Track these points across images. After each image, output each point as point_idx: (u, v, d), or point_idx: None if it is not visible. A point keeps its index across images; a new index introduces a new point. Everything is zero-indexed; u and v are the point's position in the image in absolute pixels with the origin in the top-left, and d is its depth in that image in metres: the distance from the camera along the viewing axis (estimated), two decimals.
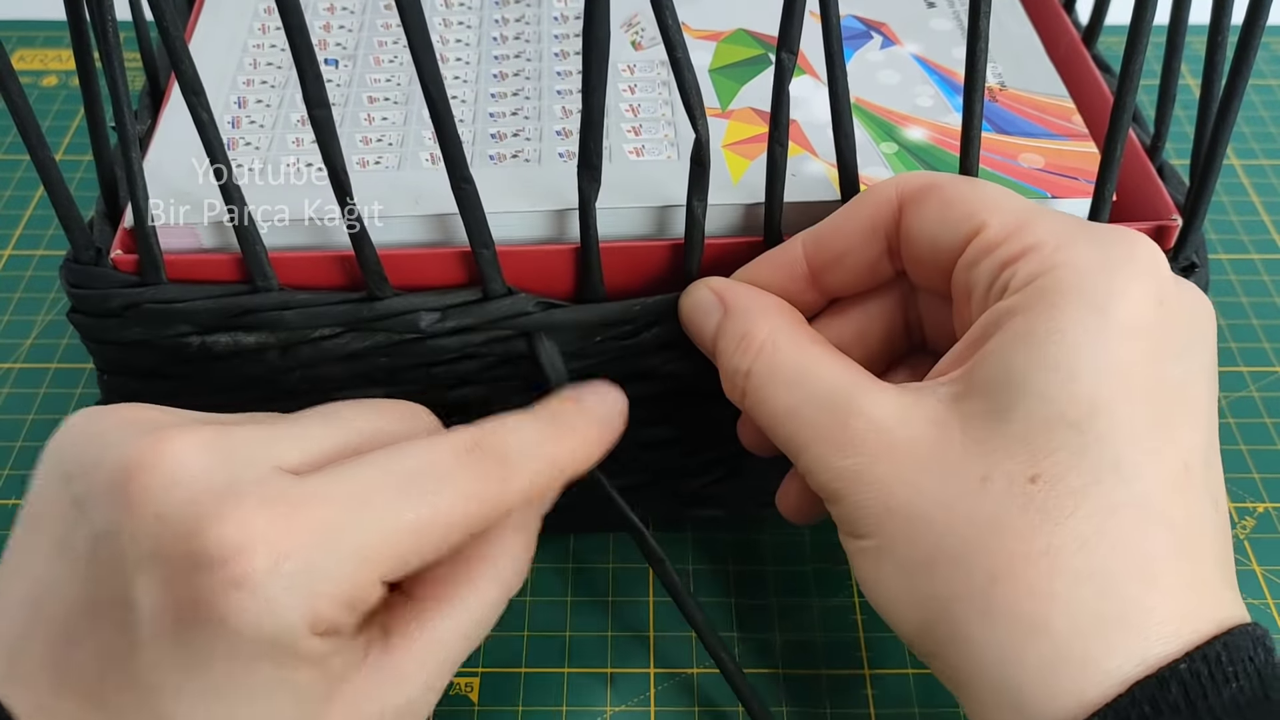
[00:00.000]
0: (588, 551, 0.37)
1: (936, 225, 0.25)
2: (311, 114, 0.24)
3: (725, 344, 0.27)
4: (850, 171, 0.28)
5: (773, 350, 0.26)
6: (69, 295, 0.29)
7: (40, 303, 0.45)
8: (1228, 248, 0.48)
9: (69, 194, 0.28)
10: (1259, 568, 0.36)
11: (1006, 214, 0.24)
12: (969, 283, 0.25)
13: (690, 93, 0.25)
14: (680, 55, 0.24)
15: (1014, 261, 0.24)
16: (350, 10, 0.37)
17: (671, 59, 0.24)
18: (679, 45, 0.24)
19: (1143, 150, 0.32)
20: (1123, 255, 0.23)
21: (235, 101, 0.33)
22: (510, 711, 0.33)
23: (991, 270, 0.24)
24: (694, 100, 0.25)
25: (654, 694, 0.33)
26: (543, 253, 0.29)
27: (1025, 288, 0.23)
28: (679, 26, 0.24)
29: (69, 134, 0.53)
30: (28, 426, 0.40)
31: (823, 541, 0.37)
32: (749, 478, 0.35)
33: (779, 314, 0.27)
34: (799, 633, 0.35)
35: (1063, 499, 0.22)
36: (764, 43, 0.35)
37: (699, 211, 0.27)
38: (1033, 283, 0.23)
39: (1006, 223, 0.24)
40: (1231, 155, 0.52)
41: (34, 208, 0.49)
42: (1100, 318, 0.22)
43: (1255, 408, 0.41)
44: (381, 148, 0.31)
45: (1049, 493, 0.22)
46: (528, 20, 0.36)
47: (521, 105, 0.33)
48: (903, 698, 0.33)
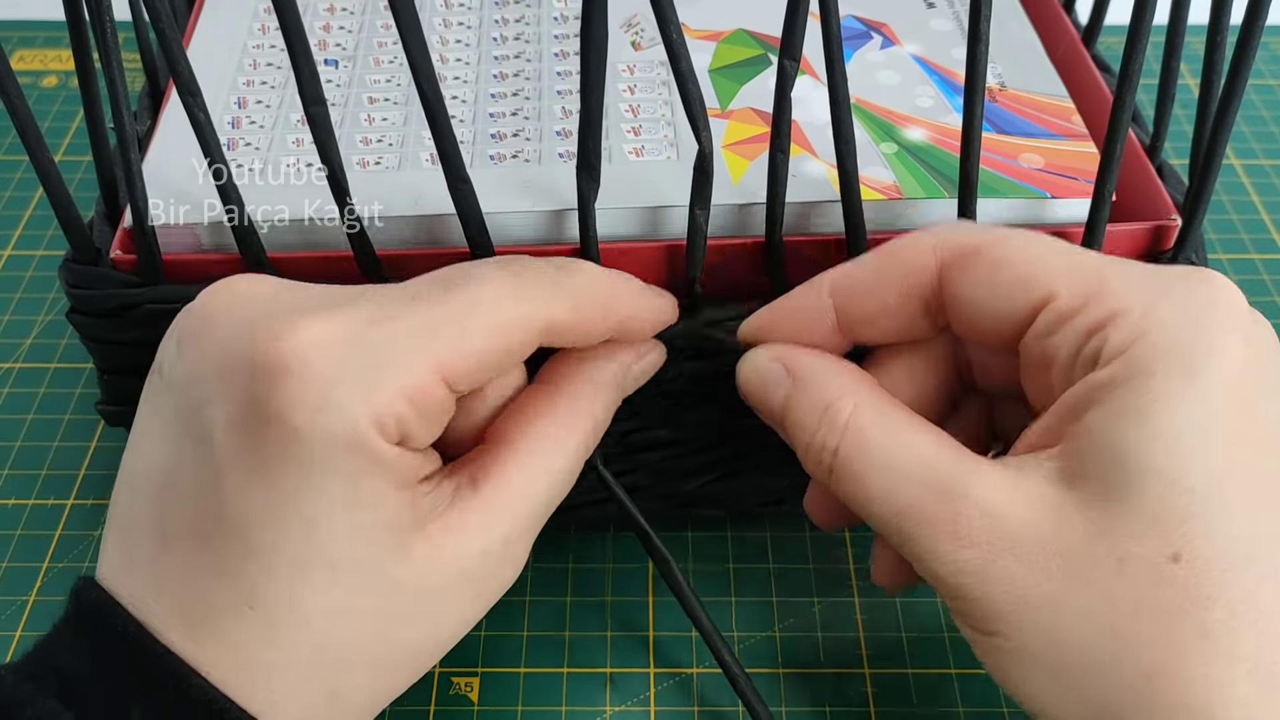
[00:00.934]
0: (588, 552, 0.37)
1: (989, 294, 0.24)
2: (308, 111, 0.24)
3: (802, 418, 0.26)
4: (850, 171, 0.28)
5: (860, 428, 0.25)
6: (68, 295, 0.29)
7: (40, 303, 0.45)
8: (1227, 247, 0.48)
9: (68, 194, 0.28)
10: None
11: (1074, 279, 0.24)
12: (1044, 352, 0.24)
13: (694, 104, 0.25)
14: (684, 67, 0.24)
15: (1098, 330, 0.23)
16: (350, 11, 0.37)
17: (675, 71, 0.24)
18: (683, 57, 0.24)
19: (1142, 150, 0.32)
20: (1205, 303, 0.23)
21: (235, 102, 0.33)
22: (510, 712, 0.33)
23: (1074, 340, 0.23)
24: (698, 110, 0.25)
25: (654, 694, 0.33)
26: (542, 253, 0.29)
27: (1118, 358, 0.22)
28: (683, 40, 0.24)
29: (69, 134, 0.53)
30: (27, 426, 0.40)
31: (823, 541, 0.37)
32: (749, 478, 0.35)
33: (858, 383, 0.25)
34: (799, 632, 0.35)
35: (1205, 577, 0.22)
36: (764, 43, 0.35)
37: (701, 220, 0.27)
38: (1125, 352, 0.22)
39: (1077, 288, 0.23)
40: (1231, 155, 0.52)
41: (34, 208, 0.49)
42: (1202, 379, 0.22)
43: None
44: (381, 148, 0.31)
45: (1190, 571, 0.22)
46: (528, 20, 0.36)
47: (521, 105, 0.33)
48: (903, 697, 0.33)
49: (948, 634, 0.35)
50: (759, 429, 0.28)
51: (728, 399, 0.32)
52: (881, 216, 0.30)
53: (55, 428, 0.40)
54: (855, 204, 0.28)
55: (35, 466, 0.39)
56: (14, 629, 0.35)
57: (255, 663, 0.22)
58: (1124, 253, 0.31)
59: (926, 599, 0.35)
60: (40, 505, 0.38)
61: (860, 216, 0.28)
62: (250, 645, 0.22)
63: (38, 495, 0.38)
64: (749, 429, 0.33)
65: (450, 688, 0.33)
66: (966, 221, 0.28)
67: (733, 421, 0.33)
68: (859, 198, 0.28)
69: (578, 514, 0.37)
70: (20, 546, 0.37)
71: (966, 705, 0.33)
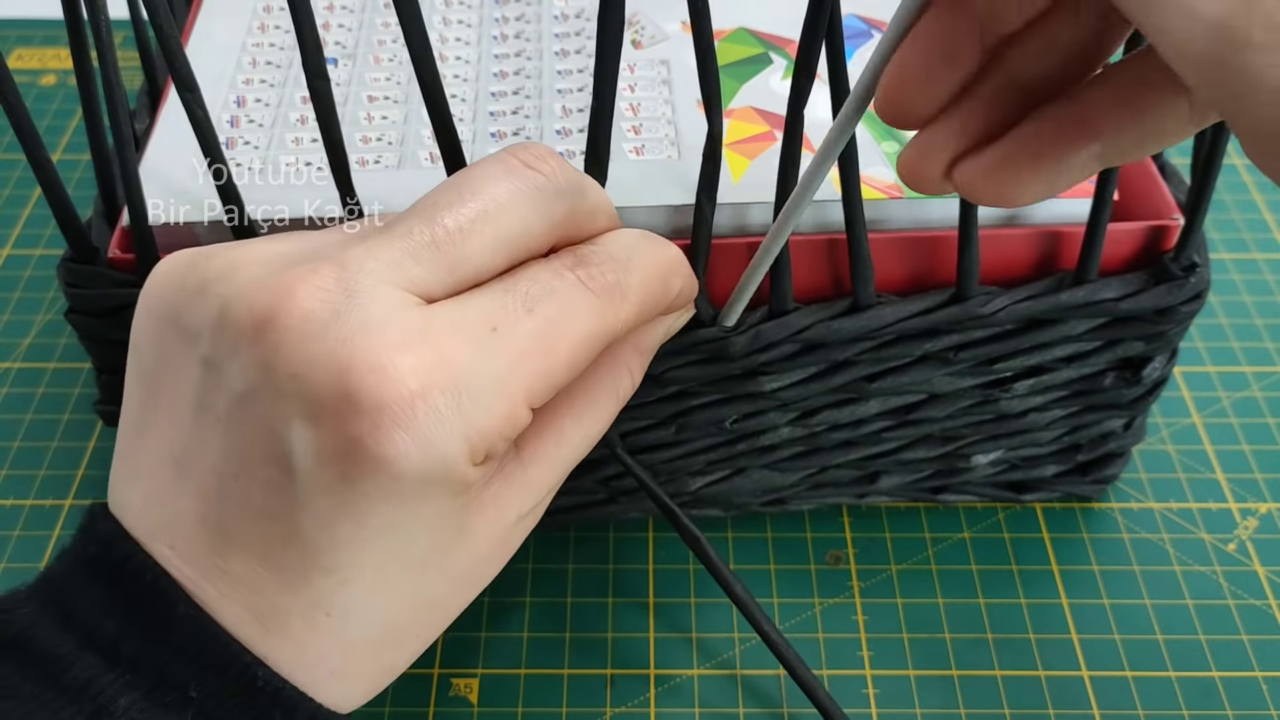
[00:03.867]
0: (588, 553, 0.37)
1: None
2: (311, 85, 0.24)
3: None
4: (851, 171, 0.28)
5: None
6: (66, 295, 0.29)
7: (39, 302, 0.45)
8: (1229, 247, 0.48)
9: (65, 194, 0.28)
10: (1261, 568, 0.36)
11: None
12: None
13: (711, 82, 0.25)
14: (706, 44, 0.24)
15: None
16: (350, 9, 0.36)
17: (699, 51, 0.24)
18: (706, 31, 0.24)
19: None
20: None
21: (234, 101, 0.33)
22: (510, 713, 0.33)
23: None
24: (713, 89, 0.25)
25: (654, 695, 0.33)
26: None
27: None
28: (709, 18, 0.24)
29: (67, 133, 0.53)
30: (26, 426, 0.40)
31: (824, 542, 0.37)
32: (749, 478, 0.35)
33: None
34: (800, 632, 0.35)
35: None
36: (765, 41, 0.34)
37: (708, 210, 0.27)
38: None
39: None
40: (1233, 154, 0.52)
41: (32, 206, 0.49)
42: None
43: (1258, 407, 0.41)
44: (381, 147, 0.31)
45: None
46: (528, 19, 0.36)
47: (521, 104, 0.33)
48: (904, 697, 0.33)
49: (949, 635, 0.35)
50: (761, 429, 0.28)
51: (729, 399, 0.32)
52: (882, 215, 0.30)
53: (54, 428, 0.40)
54: (856, 203, 0.28)
55: (33, 467, 0.39)
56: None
57: (324, 657, 0.22)
58: (1124, 253, 0.31)
59: (927, 600, 0.35)
60: (38, 506, 0.38)
61: (861, 215, 0.28)
62: (323, 644, 0.22)
63: (36, 495, 0.38)
64: (751, 429, 0.33)
65: (450, 689, 0.33)
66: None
67: (732, 425, 0.33)
68: (860, 197, 0.28)
69: (578, 514, 0.37)
70: (19, 547, 0.37)
71: (968, 706, 0.33)
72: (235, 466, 0.22)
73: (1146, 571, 0.36)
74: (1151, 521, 0.38)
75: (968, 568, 0.36)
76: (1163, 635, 0.35)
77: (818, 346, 0.31)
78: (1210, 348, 0.43)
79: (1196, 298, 0.31)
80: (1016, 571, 0.36)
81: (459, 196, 0.23)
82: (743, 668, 0.34)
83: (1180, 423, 0.41)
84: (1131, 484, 0.39)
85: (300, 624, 0.22)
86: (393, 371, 0.21)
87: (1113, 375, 0.33)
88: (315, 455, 0.21)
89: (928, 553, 0.37)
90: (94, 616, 0.22)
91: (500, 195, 0.23)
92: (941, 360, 0.32)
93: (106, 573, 0.22)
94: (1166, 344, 0.32)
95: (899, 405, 0.33)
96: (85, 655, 0.21)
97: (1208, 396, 0.42)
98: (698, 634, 0.35)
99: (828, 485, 0.36)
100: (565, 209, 0.23)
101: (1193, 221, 0.29)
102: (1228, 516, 0.38)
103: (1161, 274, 0.30)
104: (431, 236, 0.22)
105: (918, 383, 0.32)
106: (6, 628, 0.22)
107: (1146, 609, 0.35)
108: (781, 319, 0.30)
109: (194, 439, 0.22)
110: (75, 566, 0.22)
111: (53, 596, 0.22)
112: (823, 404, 0.33)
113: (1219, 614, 0.35)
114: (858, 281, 0.29)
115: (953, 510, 0.38)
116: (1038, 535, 0.37)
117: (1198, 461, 0.39)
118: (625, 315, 0.24)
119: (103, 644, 0.21)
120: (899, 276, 0.30)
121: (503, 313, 0.22)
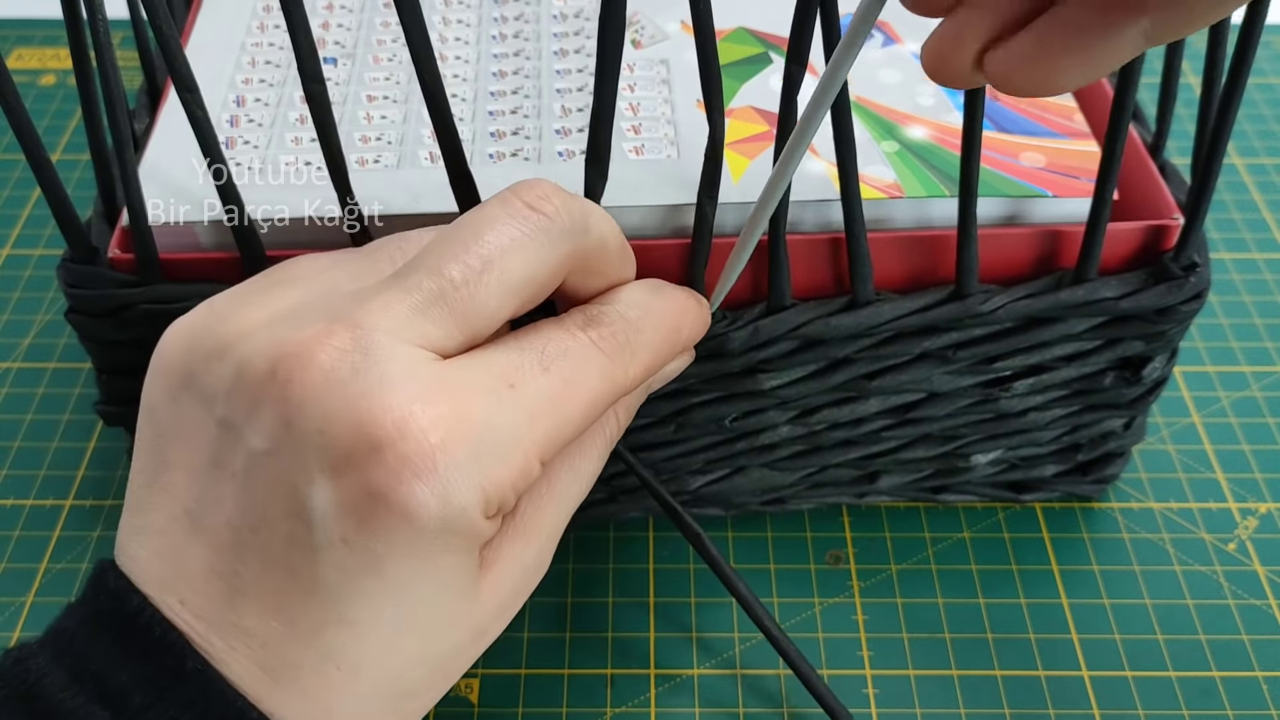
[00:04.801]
0: (588, 553, 0.37)
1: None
2: (307, 89, 0.24)
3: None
4: (850, 171, 0.28)
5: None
6: (66, 295, 0.29)
7: (38, 302, 0.45)
8: (1230, 246, 0.48)
9: (65, 194, 0.28)
10: (1261, 568, 0.36)
11: None
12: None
13: (713, 81, 0.25)
14: (708, 45, 0.24)
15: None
16: (349, 9, 0.36)
17: (700, 51, 0.24)
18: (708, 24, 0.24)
19: (1144, 149, 0.32)
20: None
21: (234, 100, 0.33)
22: (510, 713, 0.33)
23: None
24: (715, 89, 0.25)
25: (654, 695, 0.33)
26: None
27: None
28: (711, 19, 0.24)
29: (67, 133, 0.53)
30: (26, 426, 0.40)
31: (824, 542, 0.37)
32: (748, 477, 0.35)
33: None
34: (800, 632, 0.35)
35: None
36: (764, 41, 0.34)
37: (709, 210, 0.27)
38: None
39: None
40: (1233, 153, 0.52)
41: (32, 206, 0.49)
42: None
43: (1258, 407, 0.41)
44: (380, 146, 0.31)
45: None
46: (527, 20, 0.36)
47: (521, 104, 0.33)
48: (904, 697, 0.33)
49: (949, 634, 0.35)
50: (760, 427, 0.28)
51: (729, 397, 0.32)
52: (882, 215, 0.30)
53: (54, 428, 0.40)
54: (855, 202, 0.28)
55: (33, 467, 0.39)
56: (12, 630, 0.34)
57: (333, 712, 0.22)
58: (1124, 252, 0.31)
59: (927, 599, 0.35)
60: (39, 506, 0.38)
61: (860, 215, 0.28)
62: (332, 698, 0.22)
63: (36, 496, 0.38)
64: (750, 428, 0.33)
65: (450, 689, 0.33)
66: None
67: (732, 424, 0.33)
68: (859, 196, 0.28)
69: (578, 514, 0.36)
70: (19, 547, 0.37)
71: (967, 706, 0.33)
72: (254, 520, 0.22)
73: (1146, 571, 0.36)
74: (1151, 521, 0.38)
75: (968, 567, 0.36)
76: (1163, 635, 0.35)
77: (816, 343, 0.31)
78: (1210, 348, 0.43)
79: (1196, 297, 0.30)
80: (1016, 571, 0.36)
81: (464, 246, 0.23)
82: (743, 667, 0.34)
83: (1180, 422, 0.41)
84: (1131, 484, 0.39)
85: (311, 678, 0.22)
86: (414, 425, 0.21)
87: (1113, 375, 0.33)
88: (337, 508, 0.21)
89: (928, 552, 0.37)
90: (105, 669, 0.22)
91: (504, 242, 0.23)
92: (941, 358, 0.32)
93: (117, 626, 0.22)
94: (1166, 344, 0.32)
95: (898, 404, 0.33)
96: (96, 708, 0.21)
97: (1208, 396, 0.42)
98: (698, 633, 0.35)
99: (827, 484, 0.36)
100: (570, 247, 0.24)
101: (1193, 221, 0.29)
102: (1228, 516, 0.38)
103: (1161, 273, 0.30)
104: (439, 290, 0.22)
105: (917, 381, 0.32)
106: (20, 679, 0.22)
107: (1146, 609, 0.35)
108: (780, 314, 0.30)
109: (209, 494, 0.23)
110: (86, 620, 0.23)
111: (64, 649, 0.22)
112: (822, 402, 0.33)
113: (1219, 614, 0.35)
114: (856, 279, 0.29)
115: (952, 510, 0.38)
116: (1038, 535, 0.37)
117: (1198, 461, 0.39)
118: (634, 373, 0.25)
119: (113, 696, 0.21)
120: (898, 275, 0.30)
121: (519, 371, 0.23)
